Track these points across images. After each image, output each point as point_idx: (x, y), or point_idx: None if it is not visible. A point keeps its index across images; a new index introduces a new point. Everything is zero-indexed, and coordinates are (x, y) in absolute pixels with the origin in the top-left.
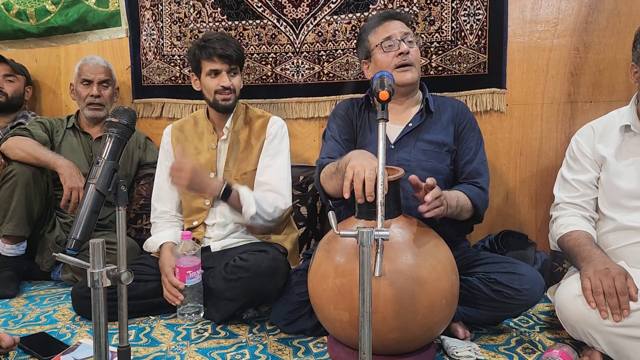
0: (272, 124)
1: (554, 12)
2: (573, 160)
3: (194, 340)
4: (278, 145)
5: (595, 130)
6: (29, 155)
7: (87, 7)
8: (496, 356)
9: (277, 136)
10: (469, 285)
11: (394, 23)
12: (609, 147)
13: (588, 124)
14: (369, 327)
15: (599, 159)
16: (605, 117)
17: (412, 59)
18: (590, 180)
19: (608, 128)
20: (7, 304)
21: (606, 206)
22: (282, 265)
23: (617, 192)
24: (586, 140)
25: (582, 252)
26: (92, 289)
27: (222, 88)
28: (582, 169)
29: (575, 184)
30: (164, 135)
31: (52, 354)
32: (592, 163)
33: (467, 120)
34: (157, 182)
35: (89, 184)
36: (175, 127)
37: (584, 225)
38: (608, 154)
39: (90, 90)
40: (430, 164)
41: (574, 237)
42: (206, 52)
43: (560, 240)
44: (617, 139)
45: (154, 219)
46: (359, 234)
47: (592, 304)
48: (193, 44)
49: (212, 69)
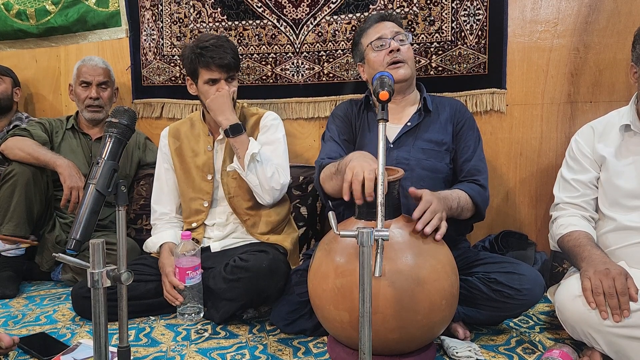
0: (264, 117)
1: (554, 12)
2: (573, 160)
3: (194, 340)
4: (272, 134)
5: (594, 130)
6: (28, 155)
7: (87, 7)
8: (496, 356)
9: (271, 127)
10: (469, 285)
11: (385, 24)
12: (608, 147)
13: (588, 124)
14: (369, 328)
15: (599, 159)
16: (605, 117)
17: (404, 56)
18: (590, 180)
19: (608, 128)
20: (7, 304)
21: (606, 206)
22: (282, 266)
23: (617, 191)
24: (586, 140)
25: (582, 252)
26: (92, 289)
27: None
28: (582, 169)
29: (575, 184)
30: (161, 137)
31: (52, 354)
32: (591, 163)
33: (466, 119)
34: (156, 185)
35: (89, 184)
36: (172, 129)
37: (583, 225)
38: (608, 153)
39: (88, 93)
40: (430, 162)
41: (574, 237)
42: (204, 61)
43: (560, 241)
44: (617, 139)
45: (154, 220)
46: (359, 234)
47: (592, 304)
48: (187, 47)
49: (211, 78)
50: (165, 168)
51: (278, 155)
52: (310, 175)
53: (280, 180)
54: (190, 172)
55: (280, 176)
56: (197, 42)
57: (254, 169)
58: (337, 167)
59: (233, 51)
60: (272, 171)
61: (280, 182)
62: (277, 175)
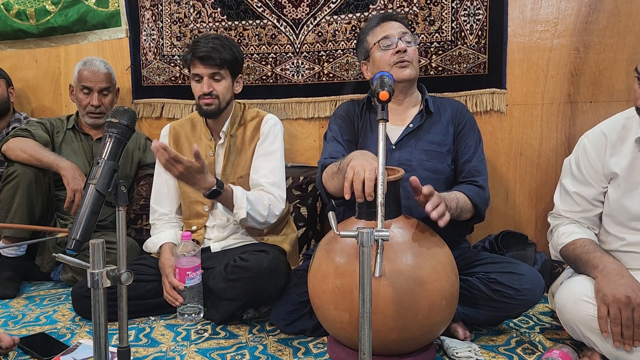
0: (264, 122)
1: (554, 12)
2: (578, 169)
3: (194, 340)
4: (270, 145)
5: (608, 138)
6: (31, 157)
7: (87, 7)
8: (496, 357)
9: (269, 135)
10: (469, 286)
11: (391, 23)
12: (621, 161)
13: (599, 126)
14: (369, 328)
15: (609, 174)
16: (619, 121)
17: (410, 57)
18: (594, 197)
19: (622, 137)
20: (7, 304)
21: (612, 224)
22: (282, 266)
23: (626, 213)
24: (597, 151)
25: (592, 260)
26: (92, 289)
27: (202, 94)
28: (586, 182)
29: (577, 199)
30: (162, 136)
31: (52, 354)
32: (598, 177)
33: (467, 120)
34: (156, 184)
35: (89, 185)
36: (173, 128)
37: (586, 232)
38: (620, 169)
39: (90, 100)
40: (432, 164)
41: (579, 244)
42: (191, 55)
43: (564, 250)
44: (630, 152)
45: (154, 220)
46: (359, 234)
47: (606, 333)
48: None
49: (195, 72)
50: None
51: (273, 179)
52: (310, 175)
53: (276, 212)
54: None
55: (275, 207)
56: (196, 38)
57: (249, 220)
58: (339, 167)
59: (228, 48)
60: (267, 209)
61: (276, 213)
62: (272, 208)
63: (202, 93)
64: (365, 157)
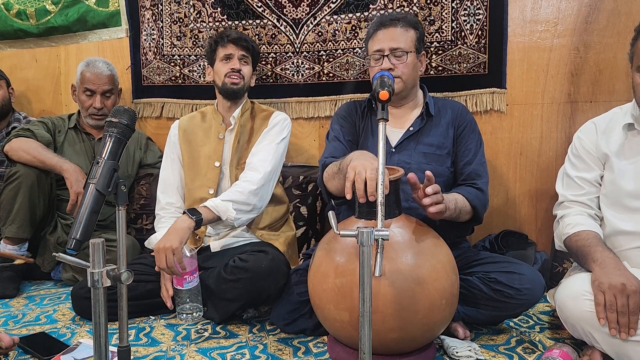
0: (275, 116)
1: (554, 12)
2: (576, 158)
3: (194, 340)
4: (276, 134)
5: (597, 126)
6: (34, 158)
7: (87, 7)
8: (496, 356)
9: (276, 126)
10: (469, 285)
11: (386, 34)
12: (612, 145)
13: (589, 120)
14: (369, 327)
15: (602, 157)
16: (607, 114)
17: (399, 72)
18: (595, 178)
19: (611, 125)
20: (7, 304)
21: (606, 205)
22: (282, 265)
23: (620, 192)
24: (589, 137)
25: (592, 254)
26: (92, 289)
27: (231, 70)
28: (586, 166)
29: (580, 182)
30: (172, 128)
31: (52, 354)
32: (595, 160)
33: (467, 122)
34: (163, 175)
35: (89, 184)
36: (183, 121)
37: (591, 225)
38: (611, 152)
39: (92, 102)
40: (431, 166)
41: (583, 237)
42: (221, 39)
43: (568, 240)
44: (620, 137)
45: (159, 211)
46: (359, 233)
47: (603, 320)
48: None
49: (226, 53)
50: (172, 159)
51: (263, 156)
52: (310, 174)
53: (251, 188)
54: (197, 161)
55: (249, 185)
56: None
57: (243, 215)
58: (339, 167)
59: (252, 42)
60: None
61: (252, 189)
62: (247, 186)
63: (232, 69)
64: (365, 157)
